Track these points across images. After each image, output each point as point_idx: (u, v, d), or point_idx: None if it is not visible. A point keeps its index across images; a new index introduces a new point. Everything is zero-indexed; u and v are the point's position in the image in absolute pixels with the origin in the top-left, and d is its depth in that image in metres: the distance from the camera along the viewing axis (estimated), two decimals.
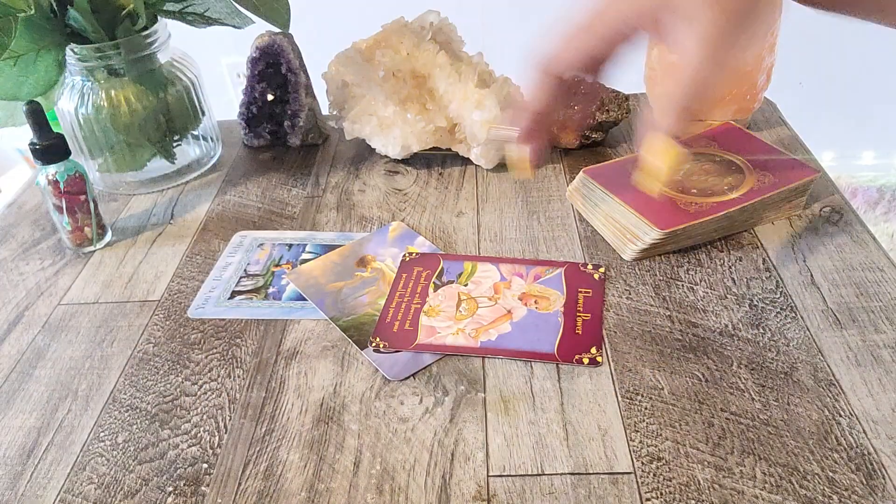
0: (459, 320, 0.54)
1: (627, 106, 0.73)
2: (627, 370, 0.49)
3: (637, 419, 0.45)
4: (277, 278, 0.60)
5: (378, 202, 0.69)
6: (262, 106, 0.77)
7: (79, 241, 0.65)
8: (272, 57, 0.74)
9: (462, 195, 0.69)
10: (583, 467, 0.42)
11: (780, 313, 0.52)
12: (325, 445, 0.45)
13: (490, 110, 0.68)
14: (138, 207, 0.72)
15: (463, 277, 0.58)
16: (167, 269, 0.62)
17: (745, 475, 0.41)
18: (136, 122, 0.70)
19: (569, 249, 0.61)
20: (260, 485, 0.43)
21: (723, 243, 0.60)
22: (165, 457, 0.45)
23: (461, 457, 0.44)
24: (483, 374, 0.49)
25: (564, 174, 0.71)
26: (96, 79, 0.69)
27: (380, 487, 0.42)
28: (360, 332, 0.53)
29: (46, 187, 0.62)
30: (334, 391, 0.49)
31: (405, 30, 0.73)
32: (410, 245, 0.62)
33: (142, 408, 0.49)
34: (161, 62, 0.72)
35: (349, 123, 0.74)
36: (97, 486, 0.44)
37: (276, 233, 0.66)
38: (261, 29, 0.75)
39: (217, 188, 0.74)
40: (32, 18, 0.62)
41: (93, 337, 0.56)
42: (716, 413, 0.45)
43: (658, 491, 0.41)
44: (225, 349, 0.53)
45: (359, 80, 0.71)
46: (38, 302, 0.60)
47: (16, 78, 0.64)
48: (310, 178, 0.74)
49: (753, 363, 0.48)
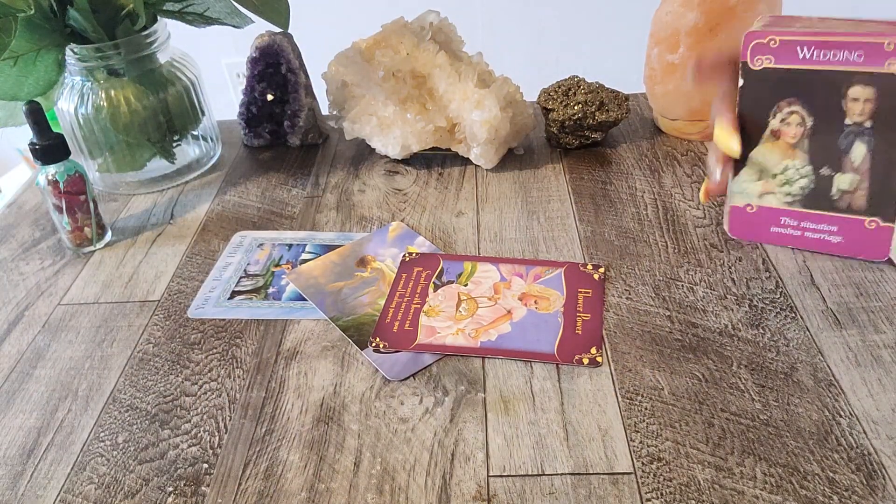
0: (459, 320, 0.54)
1: (627, 106, 0.73)
2: (627, 370, 0.49)
3: (637, 419, 0.45)
4: (277, 278, 0.60)
5: (378, 202, 0.69)
6: (262, 106, 0.77)
7: (79, 241, 0.65)
8: (272, 57, 0.74)
9: (462, 195, 0.69)
10: (583, 467, 0.42)
11: (780, 313, 0.52)
12: (325, 445, 0.45)
13: (490, 110, 0.68)
14: (138, 207, 0.72)
15: (463, 277, 0.58)
16: (167, 269, 0.62)
17: (745, 475, 0.41)
18: (136, 122, 0.70)
19: (569, 249, 0.61)
20: (260, 485, 0.43)
21: (723, 243, 0.60)
22: (165, 457, 0.45)
23: (461, 457, 0.44)
24: (483, 375, 0.49)
25: (564, 174, 0.71)
26: (96, 79, 0.69)
27: (380, 487, 0.42)
28: (360, 332, 0.53)
29: (46, 187, 0.62)
30: (334, 391, 0.49)
31: (405, 30, 0.73)
32: (410, 245, 0.62)
33: (142, 408, 0.49)
34: (161, 62, 0.72)
35: (349, 123, 0.74)
36: (97, 486, 0.44)
37: (275, 233, 0.66)
38: (261, 29, 0.75)
39: (217, 188, 0.74)
40: (32, 18, 0.62)
41: (93, 337, 0.56)
42: (716, 413, 0.45)
43: (658, 491, 0.41)
44: (225, 349, 0.53)
45: (359, 80, 0.71)
46: (38, 302, 0.60)
47: (16, 78, 0.64)
48: (310, 178, 0.74)
49: (753, 363, 0.48)
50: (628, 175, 0.70)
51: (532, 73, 0.87)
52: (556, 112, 0.72)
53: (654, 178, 0.69)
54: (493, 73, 0.74)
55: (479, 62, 0.74)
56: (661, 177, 0.69)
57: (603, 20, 1.71)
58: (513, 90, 0.71)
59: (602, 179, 0.70)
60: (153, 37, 0.70)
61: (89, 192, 0.64)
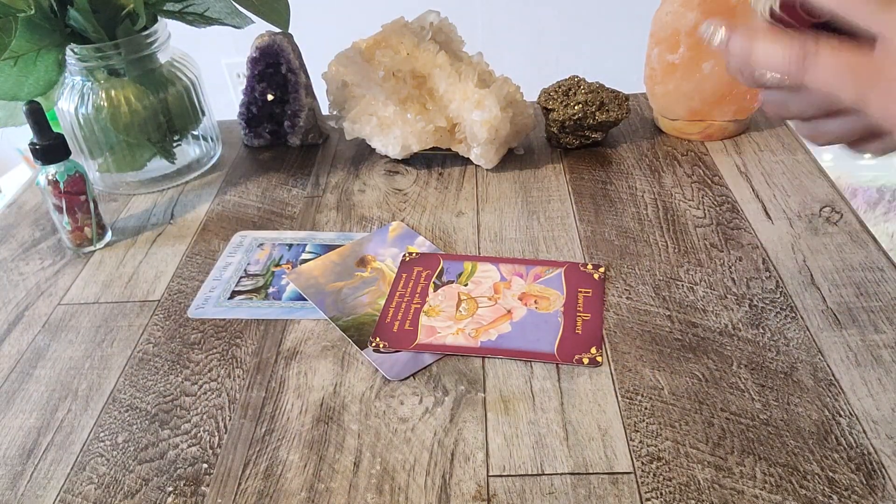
0: (459, 320, 0.54)
1: (627, 106, 0.73)
2: (627, 370, 0.49)
3: (637, 419, 0.45)
4: (277, 278, 0.60)
5: (378, 202, 0.69)
6: (262, 106, 0.77)
7: (79, 241, 0.65)
8: (272, 57, 0.74)
9: (462, 195, 0.69)
10: (583, 467, 0.42)
11: (780, 313, 0.52)
12: (325, 445, 0.45)
13: (490, 110, 0.68)
14: (138, 207, 0.72)
15: (463, 277, 0.58)
16: (167, 269, 0.62)
17: (745, 475, 0.41)
18: (136, 122, 0.70)
19: (569, 249, 0.61)
20: (260, 485, 0.43)
21: (723, 243, 0.60)
22: (165, 457, 0.45)
23: (461, 457, 0.44)
24: (483, 374, 0.49)
25: (564, 174, 0.71)
26: (96, 79, 0.69)
27: (380, 487, 0.42)
28: (360, 332, 0.53)
29: (46, 187, 0.62)
30: (334, 391, 0.49)
31: (405, 30, 0.73)
32: (410, 245, 0.62)
33: (142, 408, 0.49)
34: (161, 62, 0.72)
35: (349, 123, 0.74)
36: (97, 486, 0.44)
37: (276, 233, 0.66)
38: (261, 29, 0.75)
39: (217, 188, 0.74)
40: (32, 18, 0.62)
41: (93, 337, 0.56)
42: (716, 413, 0.45)
43: (658, 491, 0.41)
44: (225, 349, 0.53)
45: (359, 80, 0.71)
46: (38, 302, 0.60)
47: (16, 78, 0.64)
48: (310, 178, 0.74)
49: (753, 363, 0.48)
50: (628, 175, 0.70)
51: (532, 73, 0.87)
52: (557, 112, 0.72)
53: (655, 177, 0.69)
54: (493, 73, 0.74)
55: (479, 62, 0.74)
56: (661, 177, 0.69)
57: (603, 20, 1.71)
58: (513, 90, 0.71)
59: (602, 179, 0.70)
60: (153, 37, 0.70)
61: (89, 192, 0.64)
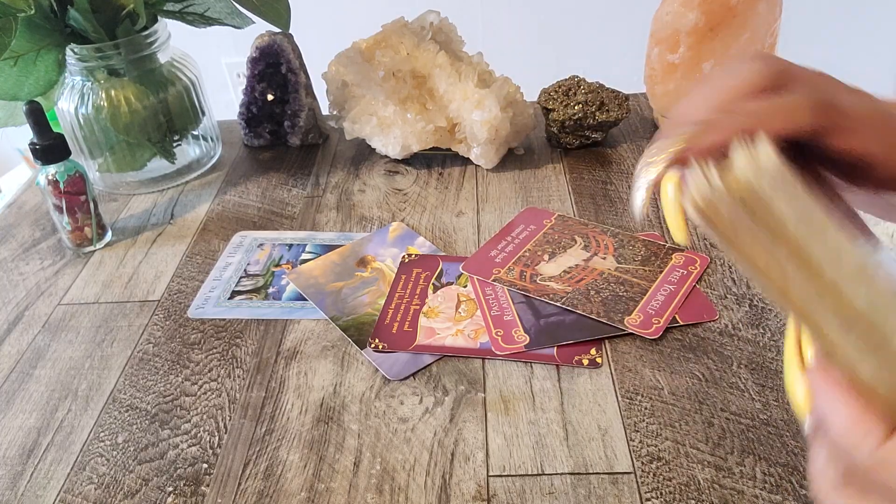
0: (459, 321, 0.54)
1: (627, 106, 0.73)
2: (627, 370, 0.49)
3: (637, 419, 0.45)
4: (277, 278, 0.60)
5: (378, 202, 0.69)
6: (262, 106, 0.77)
7: (79, 241, 0.65)
8: (272, 57, 0.74)
9: (462, 195, 0.69)
10: (583, 467, 0.42)
11: (780, 313, 0.52)
12: (325, 445, 0.45)
13: (490, 110, 0.68)
14: (138, 207, 0.72)
15: (462, 279, 0.58)
16: (167, 269, 0.62)
17: (745, 475, 0.41)
18: (136, 122, 0.70)
19: None
20: (260, 485, 0.43)
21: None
22: (165, 457, 0.45)
23: (461, 457, 0.44)
24: (483, 374, 0.49)
25: (564, 174, 0.71)
26: (96, 79, 0.69)
27: (380, 487, 0.42)
28: (360, 332, 0.53)
29: (46, 187, 0.62)
30: (334, 391, 0.49)
31: (405, 30, 0.73)
32: (410, 245, 0.62)
33: (142, 408, 0.49)
34: (161, 62, 0.72)
35: (349, 123, 0.74)
36: (97, 486, 0.44)
37: (276, 233, 0.66)
38: (261, 29, 0.75)
39: (217, 188, 0.74)
40: (32, 18, 0.62)
41: (93, 337, 0.55)
42: (716, 413, 0.45)
43: (658, 491, 0.41)
44: (225, 349, 0.53)
45: (359, 80, 0.71)
46: (38, 302, 0.60)
47: (16, 78, 0.64)
48: (310, 178, 0.74)
49: (753, 363, 0.48)
50: (628, 175, 0.70)
51: (532, 73, 0.87)
52: (557, 112, 0.72)
53: None
54: (493, 73, 0.74)
55: (479, 62, 0.74)
56: None
57: (603, 20, 1.71)
58: (513, 90, 0.71)
59: (602, 179, 0.70)
60: (153, 37, 0.70)
61: (89, 192, 0.64)
